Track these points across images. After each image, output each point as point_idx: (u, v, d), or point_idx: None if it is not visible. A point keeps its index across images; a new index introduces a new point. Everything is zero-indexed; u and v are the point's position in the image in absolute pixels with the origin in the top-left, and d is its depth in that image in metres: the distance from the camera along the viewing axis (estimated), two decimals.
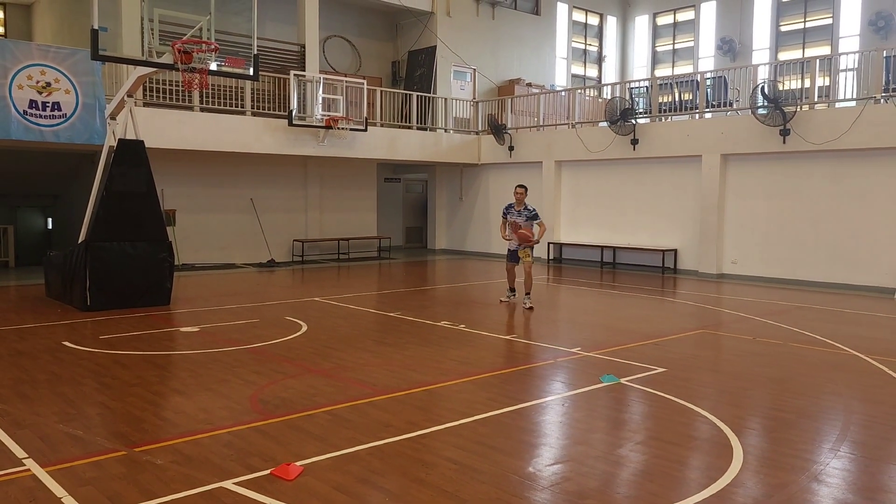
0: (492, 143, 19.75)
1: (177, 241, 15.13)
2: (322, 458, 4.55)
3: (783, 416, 5.62)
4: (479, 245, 20.70)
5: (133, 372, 6.78)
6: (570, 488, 4.17)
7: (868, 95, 13.35)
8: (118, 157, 10.44)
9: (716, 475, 4.36)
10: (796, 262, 14.35)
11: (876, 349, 8.08)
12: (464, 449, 4.77)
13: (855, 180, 13.56)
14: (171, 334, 8.84)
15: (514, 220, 10.83)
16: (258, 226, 17.52)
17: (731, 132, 15.06)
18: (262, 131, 15.68)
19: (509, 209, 11.04)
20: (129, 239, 10.45)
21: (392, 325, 9.62)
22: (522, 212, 10.86)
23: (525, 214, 10.83)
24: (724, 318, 10.49)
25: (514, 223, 10.76)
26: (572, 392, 6.32)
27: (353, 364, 7.22)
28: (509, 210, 11.03)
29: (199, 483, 4.14)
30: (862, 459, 4.72)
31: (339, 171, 19.03)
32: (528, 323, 9.91)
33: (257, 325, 9.29)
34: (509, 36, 22.14)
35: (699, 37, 24.20)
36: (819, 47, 20.82)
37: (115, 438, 4.94)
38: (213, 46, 9.55)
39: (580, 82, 25.03)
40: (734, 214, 15.35)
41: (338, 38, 20.05)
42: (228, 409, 5.61)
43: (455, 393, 6.25)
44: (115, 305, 10.31)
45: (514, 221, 10.77)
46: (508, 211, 11.03)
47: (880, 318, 10.58)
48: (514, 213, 10.93)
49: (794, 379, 6.81)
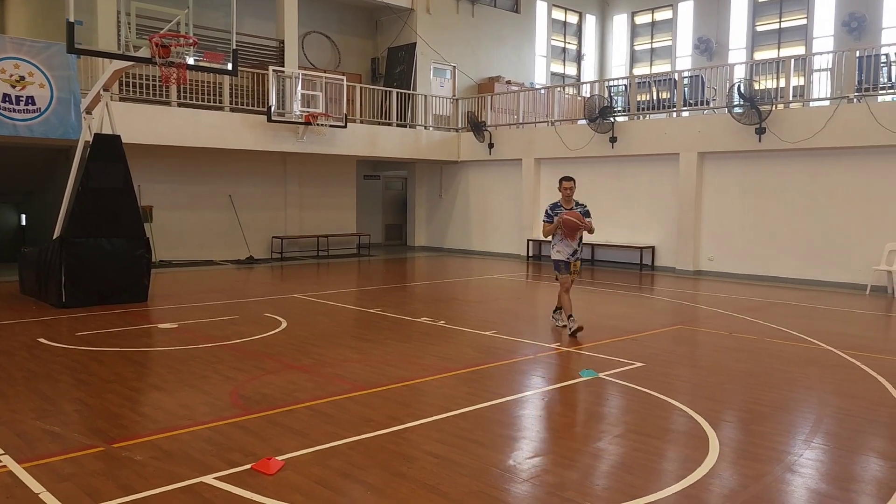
0: (471, 141, 19.79)
1: (154, 237, 15.00)
2: (303, 453, 4.55)
3: (758, 409, 5.71)
4: (459, 242, 20.74)
5: (110, 368, 6.72)
6: (549, 480, 4.21)
7: (841, 95, 13.57)
8: (94, 153, 10.32)
9: (692, 467, 4.43)
10: (771, 259, 14.56)
11: (849, 344, 8.24)
12: (444, 443, 4.79)
13: (828, 179, 13.79)
14: (148, 331, 8.76)
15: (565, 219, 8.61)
16: (237, 222, 17.40)
17: (707, 131, 15.24)
18: (240, 127, 15.57)
19: (556, 209, 8.78)
20: (105, 235, 10.33)
21: (372, 322, 9.61)
22: (574, 209, 8.74)
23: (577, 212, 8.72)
24: (701, 314, 10.62)
25: (564, 219, 8.54)
26: (552, 386, 6.37)
27: (333, 360, 7.21)
28: (556, 210, 8.78)
29: (178, 478, 4.12)
30: (834, 451, 4.81)
31: (318, 168, 18.96)
32: (508, 319, 9.96)
33: (237, 322, 9.24)
34: (489, 33, 22.18)
35: (677, 36, 24.42)
36: (794, 47, 21.10)
37: (93, 435, 4.90)
38: (191, 41, 9.47)
39: (559, 80, 25.15)
40: (711, 212, 15.53)
41: (317, 34, 19.96)
42: (208, 405, 5.59)
43: (435, 388, 6.27)
44: (92, 302, 10.19)
45: (566, 218, 8.55)
46: (555, 211, 8.77)
47: (853, 313, 10.77)
48: (563, 211, 8.77)
49: (768, 373, 6.92)
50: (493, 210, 19.90)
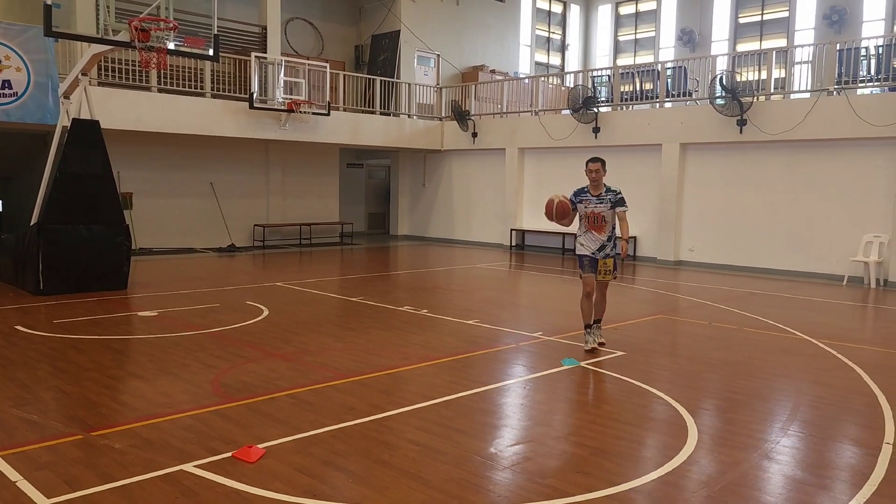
0: (455, 130, 19.75)
1: (134, 224, 14.85)
2: (284, 441, 4.54)
3: (736, 398, 5.78)
4: (442, 231, 20.73)
5: (89, 356, 6.66)
6: (530, 468, 4.24)
7: (821, 88, 13.69)
8: (72, 138, 10.19)
9: (671, 454, 4.48)
10: (751, 249, 14.70)
11: (826, 333, 8.35)
12: (426, 431, 4.81)
13: (808, 170, 13.93)
14: (128, 319, 8.69)
15: (590, 210, 7.20)
16: (218, 210, 17.27)
17: (690, 122, 15.32)
18: (222, 114, 15.42)
19: (580, 196, 7.30)
20: (83, 222, 10.21)
21: (355, 310, 9.60)
22: (604, 196, 7.20)
23: (608, 200, 7.19)
24: (682, 303, 10.71)
25: (591, 214, 7.19)
26: (534, 375, 6.41)
27: (315, 348, 7.20)
28: (581, 197, 7.30)
29: (158, 466, 4.10)
30: (810, 438, 4.89)
31: (301, 156, 18.84)
32: (490, 308, 9.98)
33: (218, 310, 9.18)
34: (473, 22, 22.10)
35: (660, 27, 24.47)
36: (776, 39, 21.24)
37: (72, 423, 4.85)
38: (171, 25, 9.35)
39: (543, 70, 25.14)
40: (692, 203, 15.64)
41: (300, 20, 19.78)
42: (189, 393, 5.56)
43: (418, 376, 6.28)
44: (70, 290, 10.08)
45: (592, 212, 7.18)
46: (580, 198, 7.30)
47: (830, 303, 10.92)
48: (589, 199, 7.24)
49: (747, 362, 7.00)
50: (476, 199, 19.90)
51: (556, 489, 3.93)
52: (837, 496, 3.94)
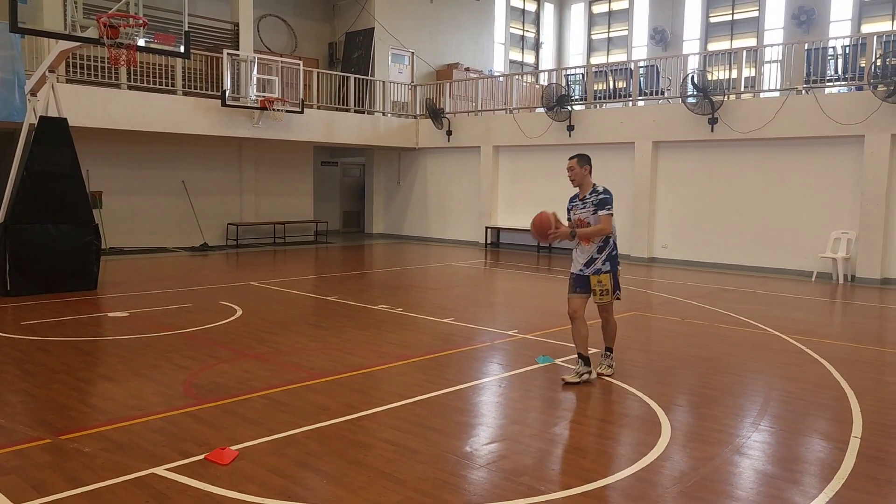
0: (430, 128, 19.72)
1: (104, 223, 14.62)
2: (258, 442, 4.50)
3: (708, 393, 5.85)
4: (417, 229, 20.71)
5: (58, 358, 6.54)
6: (505, 466, 4.25)
7: (790, 86, 13.91)
8: (39, 136, 10.00)
9: (645, 450, 4.51)
10: (723, 246, 14.89)
11: (795, 329, 8.49)
12: (401, 430, 4.79)
13: (777, 168, 14.14)
14: (98, 320, 8.55)
15: (577, 216, 6.25)
16: (190, 209, 17.06)
17: (662, 120, 15.46)
18: (193, 111, 15.23)
19: (571, 203, 6.39)
20: (51, 221, 10.03)
21: (330, 309, 9.55)
22: (587, 199, 6.20)
23: (591, 203, 6.17)
24: (655, 300, 10.81)
25: (577, 221, 6.23)
26: (509, 373, 6.42)
27: (289, 348, 7.15)
28: (571, 203, 6.39)
29: (129, 470, 4.04)
30: (780, 432, 4.96)
31: (274, 154, 18.69)
32: (465, 306, 9.99)
33: (190, 310, 9.08)
34: (448, 20, 22.09)
35: (633, 26, 24.67)
36: (746, 39, 21.53)
37: (40, 426, 4.76)
38: (140, 21, 9.20)
39: (518, 68, 25.21)
40: (665, 200, 15.79)
41: (273, 17, 19.61)
42: (160, 395, 5.48)
43: (393, 375, 6.27)
44: (38, 290, 9.90)
45: (578, 219, 6.23)
46: (570, 205, 6.39)
47: (800, 299, 11.10)
48: (576, 204, 6.30)
49: (718, 358, 7.09)
50: (451, 197, 19.91)
51: (532, 487, 3.94)
52: (807, 490, 4.00)
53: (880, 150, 12.71)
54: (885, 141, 12.65)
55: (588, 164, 6.30)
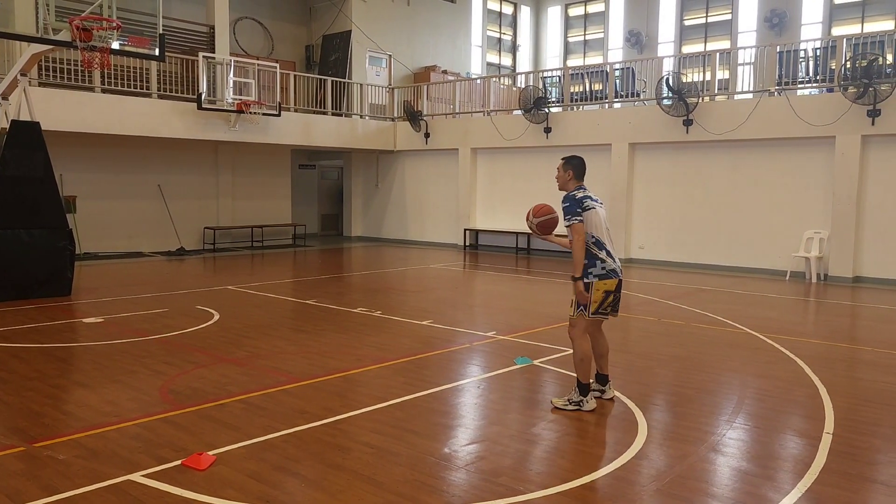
0: (408, 130, 19.72)
1: (78, 228, 14.43)
2: (236, 447, 4.47)
3: (684, 392, 5.92)
4: (395, 232, 20.69)
5: (31, 365, 6.45)
6: (484, 467, 4.26)
7: (763, 88, 14.11)
8: (11, 140, 9.86)
9: (622, 449, 4.56)
10: (699, 247, 15.05)
11: (769, 328, 8.61)
12: (380, 433, 4.79)
13: (750, 169, 14.33)
14: (73, 325, 8.44)
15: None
16: (166, 213, 16.90)
17: (638, 122, 15.60)
18: (169, 115, 15.09)
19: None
20: (23, 226, 9.89)
21: (308, 313, 9.51)
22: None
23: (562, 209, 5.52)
24: (632, 300, 10.90)
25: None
26: (488, 374, 6.44)
27: (267, 352, 7.11)
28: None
29: (104, 477, 4.00)
30: (755, 430, 5.03)
31: (251, 157, 18.57)
32: (444, 309, 10.00)
33: (167, 315, 8.99)
34: (425, 23, 22.11)
35: (609, 29, 24.86)
36: (720, 41, 21.80)
37: (13, 434, 4.69)
38: (114, 24, 9.13)
39: (495, 70, 25.29)
40: (641, 201, 15.93)
41: (249, 19, 19.49)
42: (136, 401, 5.43)
43: (371, 378, 6.26)
44: (10, 297, 9.76)
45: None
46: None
47: (774, 298, 11.25)
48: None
49: (695, 357, 7.17)
50: (429, 199, 19.91)
51: (510, 488, 3.96)
52: (781, 485, 4.07)
53: (851, 151, 12.94)
54: (855, 141, 12.88)
55: (572, 168, 5.64)
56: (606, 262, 5.33)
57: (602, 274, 5.31)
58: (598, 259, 5.32)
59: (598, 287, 5.30)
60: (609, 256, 5.36)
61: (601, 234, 5.36)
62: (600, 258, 5.32)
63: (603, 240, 5.37)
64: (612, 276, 5.34)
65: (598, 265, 5.31)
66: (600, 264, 5.31)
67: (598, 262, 5.31)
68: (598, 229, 5.37)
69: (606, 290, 5.34)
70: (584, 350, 5.35)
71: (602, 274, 5.31)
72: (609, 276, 5.33)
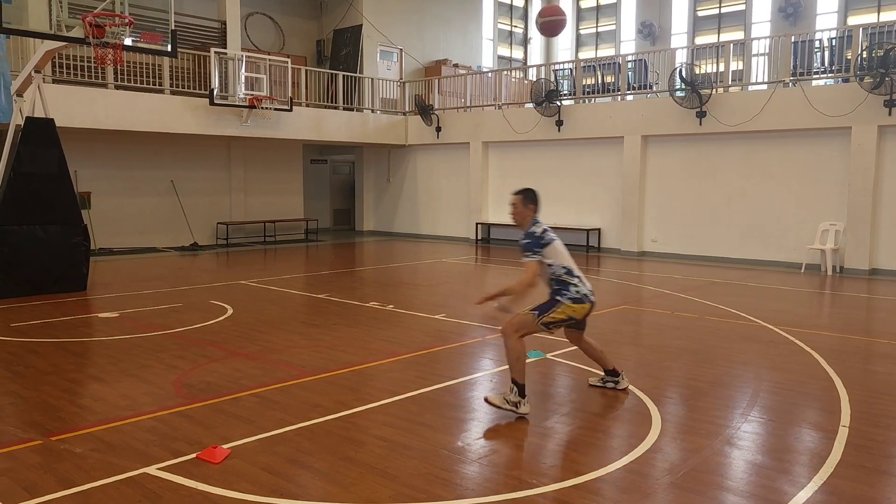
0: (419, 124, 19.71)
1: (93, 224, 14.55)
2: (249, 441, 4.50)
3: (698, 385, 5.88)
4: (407, 226, 20.70)
5: (47, 360, 6.51)
6: (498, 460, 4.26)
7: (777, 79, 13.97)
8: (26, 137, 9.93)
9: (636, 442, 4.54)
10: (712, 239, 14.96)
11: (784, 320, 8.54)
12: (393, 426, 4.80)
13: (765, 161, 14.21)
14: (88, 321, 8.51)
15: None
16: (179, 208, 17.00)
17: (650, 114, 15.51)
18: (182, 111, 15.15)
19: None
20: (39, 222, 9.98)
21: (320, 307, 9.54)
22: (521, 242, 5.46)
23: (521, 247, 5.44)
24: (645, 294, 10.85)
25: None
26: (500, 368, 6.43)
27: (280, 346, 7.14)
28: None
29: (120, 470, 4.03)
30: (770, 423, 5.00)
31: (263, 153, 18.64)
32: (456, 303, 10.00)
33: (180, 310, 9.05)
34: (435, 16, 22.06)
35: (621, 20, 24.72)
36: (733, 32, 21.62)
37: (30, 428, 4.74)
38: (127, 20, 9.15)
39: (506, 64, 25.21)
40: (654, 194, 15.84)
41: (260, 14, 19.53)
42: (151, 395, 5.47)
43: (384, 372, 6.27)
44: (27, 292, 9.84)
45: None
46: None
47: (788, 291, 11.17)
48: None
49: (708, 350, 7.13)
50: (441, 194, 19.91)
51: (523, 481, 3.96)
52: (797, 479, 4.04)
53: (867, 142, 12.80)
54: (871, 132, 12.73)
55: (533, 203, 5.48)
56: (580, 286, 5.25)
57: (576, 297, 5.21)
58: (572, 285, 5.24)
59: (565, 309, 5.19)
60: (581, 282, 5.27)
61: (569, 263, 5.30)
62: (573, 283, 5.24)
63: (571, 266, 5.29)
64: (584, 301, 5.24)
65: (571, 290, 5.22)
66: (574, 289, 5.23)
67: (572, 287, 5.23)
68: (564, 258, 5.30)
69: (572, 315, 5.23)
70: (518, 349, 5.15)
71: (576, 297, 5.21)
72: (582, 300, 5.23)
